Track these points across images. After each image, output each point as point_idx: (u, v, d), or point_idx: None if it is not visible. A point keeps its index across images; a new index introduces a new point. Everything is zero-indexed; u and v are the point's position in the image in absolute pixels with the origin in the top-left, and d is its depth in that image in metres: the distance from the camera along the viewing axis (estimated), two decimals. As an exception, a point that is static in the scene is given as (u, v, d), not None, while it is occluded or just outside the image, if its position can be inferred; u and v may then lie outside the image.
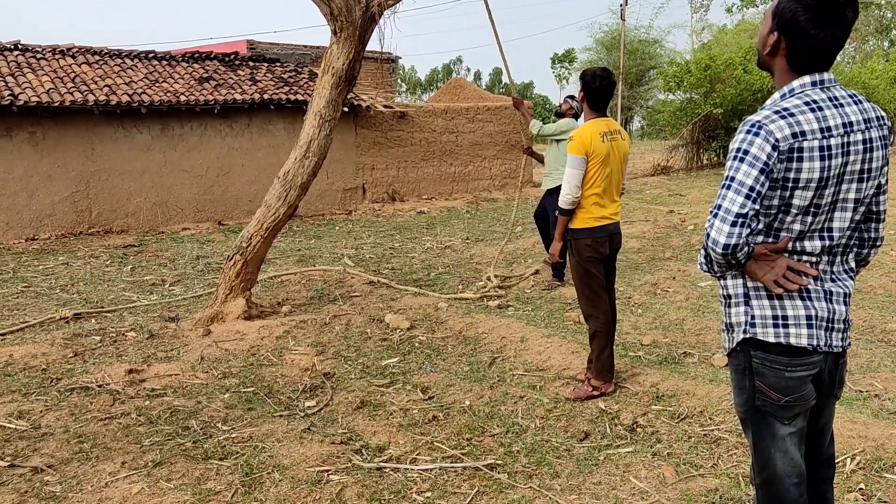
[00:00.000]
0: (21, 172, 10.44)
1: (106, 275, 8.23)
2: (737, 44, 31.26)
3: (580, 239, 4.15)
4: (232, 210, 12.61)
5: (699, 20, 49.48)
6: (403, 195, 15.10)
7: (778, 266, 1.98)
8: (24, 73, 10.91)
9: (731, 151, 1.95)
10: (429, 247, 9.95)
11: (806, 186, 1.90)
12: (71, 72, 11.49)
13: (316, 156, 6.40)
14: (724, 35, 39.83)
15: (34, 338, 5.65)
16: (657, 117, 27.66)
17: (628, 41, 39.18)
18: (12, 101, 9.88)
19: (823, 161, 1.88)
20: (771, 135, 1.87)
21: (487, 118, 16.42)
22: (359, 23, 6.22)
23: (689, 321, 5.78)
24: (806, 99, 1.92)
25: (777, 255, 1.98)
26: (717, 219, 1.92)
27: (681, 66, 22.30)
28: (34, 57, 11.75)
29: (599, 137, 4.02)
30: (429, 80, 74.21)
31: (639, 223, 10.87)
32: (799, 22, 1.89)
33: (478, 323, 5.90)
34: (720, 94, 19.64)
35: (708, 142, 21.25)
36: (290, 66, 15.04)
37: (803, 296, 2.00)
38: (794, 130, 1.87)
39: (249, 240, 6.29)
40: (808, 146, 1.87)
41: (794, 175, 1.89)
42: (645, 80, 45.62)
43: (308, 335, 5.75)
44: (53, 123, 10.62)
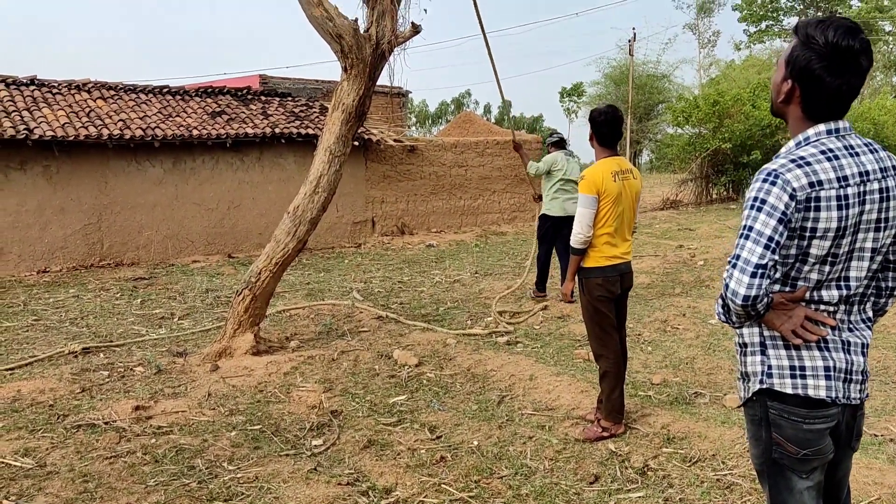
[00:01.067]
0: (34, 205, 10.55)
1: (115, 308, 8.25)
2: (745, 79, 31.44)
3: (591, 278, 4.13)
4: (242, 243, 12.66)
5: (707, 55, 49.85)
6: (413, 228, 15.14)
7: (796, 315, 1.94)
8: (39, 108, 11.08)
9: (747, 200, 1.94)
10: (437, 281, 9.94)
11: (823, 236, 1.88)
12: (86, 106, 11.66)
13: (326, 191, 6.44)
14: (732, 70, 40.10)
15: (42, 372, 5.65)
16: (666, 151, 27.75)
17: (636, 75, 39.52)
18: (27, 135, 10.01)
19: (841, 211, 1.87)
20: (788, 184, 1.85)
21: (497, 152, 16.51)
22: (369, 60, 6.30)
23: (700, 360, 5.72)
24: (822, 148, 1.91)
25: (795, 305, 1.95)
26: (736, 269, 1.89)
27: (689, 101, 22.43)
28: (50, 92, 11.94)
29: (611, 177, 4.03)
30: (438, 113, 74.83)
31: (648, 258, 10.84)
32: (814, 70, 1.88)
33: (486, 360, 5.87)
34: (728, 129, 19.71)
35: (717, 176, 21.28)
36: (302, 101, 15.22)
37: (821, 346, 1.96)
38: (811, 180, 1.86)
39: (258, 275, 6.30)
40: (825, 196, 1.86)
41: (811, 225, 1.88)
42: (653, 113, 45.89)
43: (316, 371, 5.73)
44: (68, 157, 10.75)
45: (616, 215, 4.05)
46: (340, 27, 6.08)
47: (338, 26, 6.08)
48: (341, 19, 6.10)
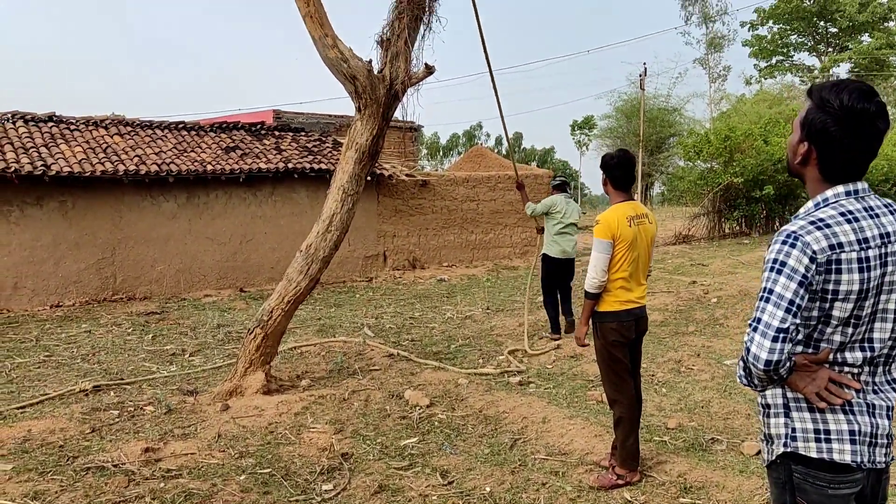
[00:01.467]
0: (49, 240, 10.64)
1: (127, 343, 8.25)
2: (756, 113, 31.52)
3: (605, 322, 4.10)
4: (254, 277, 12.70)
5: (717, 90, 50.06)
6: (424, 262, 15.15)
7: (819, 378, 1.91)
8: (57, 145, 11.23)
9: (766, 262, 1.92)
10: (449, 317, 9.90)
11: (846, 298, 1.86)
12: (103, 142, 11.82)
13: (338, 230, 6.45)
14: (743, 104, 40.23)
15: (53, 411, 5.63)
16: (677, 184, 27.77)
17: (647, 109, 39.72)
18: (45, 171, 10.14)
19: (862, 273, 1.85)
20: (808, 246, 1.84)
21: (508, 186, 16.56)
22: (382, 100, 6.36)
23: (716, 403, 5.63)
24: (841, 209, 1.90)
25: (818, 367, 1.92)
26: (758, 333, 1.86)
27: (700, 136, 22.47)
28: (68, 128, 12.12)
29: (626, 222, 4.01)
30: (449, 146, 75.31)
31: (661, 294, 10.76)
32: (830, 133, 1.88)
33: (498, 401, 5.80)
34: (740, 164, 19.70)
35: (730, 211, 21.21)
36: (315, 136, 15.37)
37: (846, 409, 1.92)
38: (831, 242, 1.85)
39: (270, 313, 6.30)
40: (846, 258, 1.85)
41: (832, 287, 1.86)
42: (665, 147, 46.01)
43: (327, 412, 5.68)
44: (84, 192, 10.87)
45: (631, 260, 4.02)
46: (355, 68, 6.15)
47: (352, 67, 6.15)
48: (356, 60, 6.17)
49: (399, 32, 6.34)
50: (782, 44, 40.93)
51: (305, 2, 6.09)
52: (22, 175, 9.98)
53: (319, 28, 6.13)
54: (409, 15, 6.30)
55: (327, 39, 6.12)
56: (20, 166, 10.07)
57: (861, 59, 37.49)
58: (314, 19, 6.12)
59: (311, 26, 6.15)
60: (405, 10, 6.29)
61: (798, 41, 41.03)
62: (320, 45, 6.17)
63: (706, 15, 49.83)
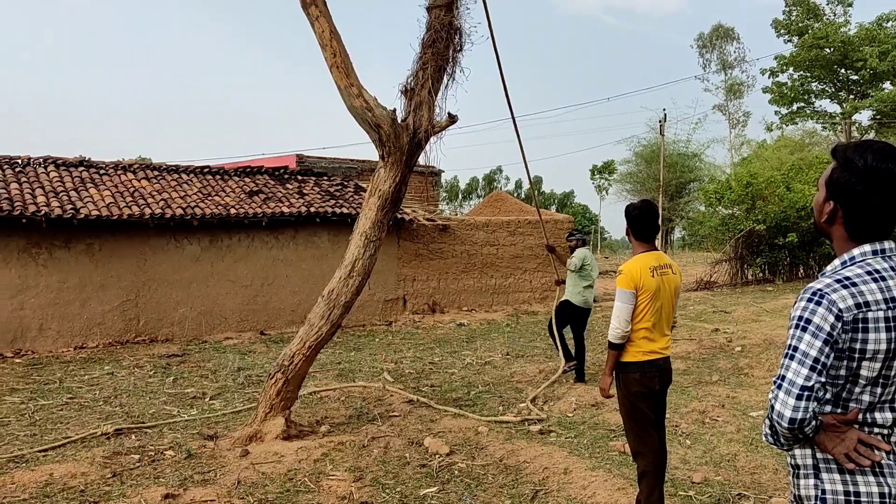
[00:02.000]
0: (76, 282, 10.80)
1: (148, 386, 8.29)
2: (777, 159, 31.48)
3: (628, 373, 4.06)
4: (274, 320, 12.76)
5: (737, 135, 50.14)
6: (444, 307, 15.14)
7: (849, 438, 1.89)
8: (87, 188, 11.49)
9: (792, 318, 1.92)
10: (468, 362, 9.85)
11: (873, 358, 1.86)
12: (131, 186, 12.06)
13: (360, 275, 6.50)
14: (764, 150, 40.20)
15: (75, 455, 5.65)
16: (698, 228, 27.66)
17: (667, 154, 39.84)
18: (73, 214, 10.35)
19: (890, 332, 1.84)
20: (834, 305, 1.85)
21: (528, 231, 16.60)
22: (406, 149, 6.46)
23: (742, 457, 5.52)
24: (868, 268, 1.91)
25: (847, 427, 1.90)
26: (782, 391, 1.87)
27: (721, 182, 22.46)
28: (98, 172, 12.40)
29: (649, 272, 4.00)
30: (468, 189, 75.84)
31: (683, 341, 10.65)
32: (855, 192, 1.90)
33: (519, 450, 5.74)
34: (762, 211, 19.61)
35: (752, 257, 21.05)
36: (337, 180, 15.57)
37: (876, 471, 1.89)
38: (857, 301, 1.85)
39: (292, 358, 6.31)
40: (872, 317, 1.84)
41: (860, 346, 1.85)
42: (685, 192, 45.99)
43: (346, 459, 5.64)
44: (110, 235, 11.07)
45: (654, 310, 4.00)
46: (379, 117, 6.27)
47: (376, 116, 6.27)
48: (380, 109, 6.29)
49: (423, 82, 6.47)
50: (803, 90, 41.02)
51: (332, 53, 6.25)
52: (51, 218, 10.19)
53: (345, 78, 6.28)
54: (432, 66, 6.44)
55: (353, 89, 6.26)
56: (50, 210, 10.30)
57: (883, 107, 37.44)
58: (340, 69, 6.28)
59: (337, 76, 6.30)
60: (429, 62, 6.43)
61: (819, 88, 41.11)
62: (346, 94, 6.31)
63: (724, 62, 50.27)
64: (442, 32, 6.45)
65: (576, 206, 71.15)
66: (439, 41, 6.47)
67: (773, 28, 41.23)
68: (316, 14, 6.22)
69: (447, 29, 6.45)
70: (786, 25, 40.76)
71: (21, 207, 10.16)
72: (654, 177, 41.25)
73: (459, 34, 6.60)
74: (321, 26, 6.23)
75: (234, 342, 11.46)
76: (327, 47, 6.26)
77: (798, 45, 39.07)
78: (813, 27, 38.90)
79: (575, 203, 73.80)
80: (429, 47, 6.47)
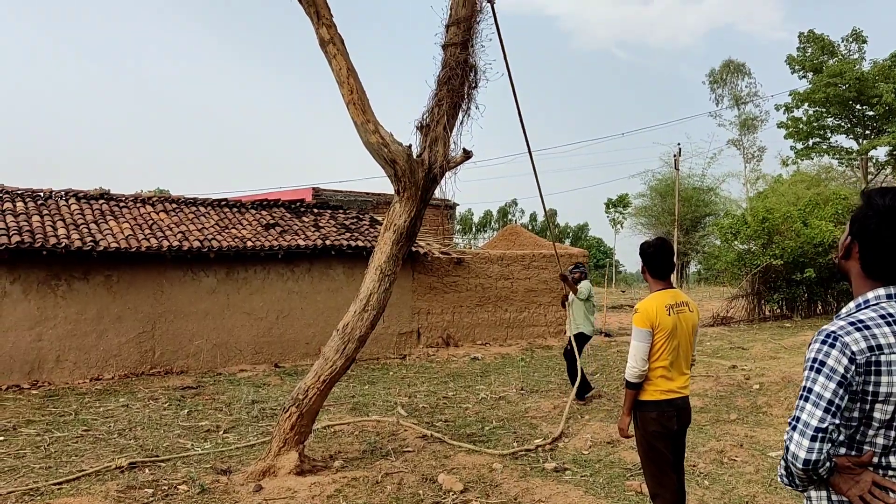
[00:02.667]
0: (93, 314, 10.89)
1: (163, 419, 8.30)
2: (793, 194, 31.34)
3: (646, 412, 4.02)
4: (289, 353, 12.77)
5: (752, 170, 50.07)
6: (458, 340, 15.09)
7: (863, 481, 1.90)
8: (106, 221, 11.64)
9: (806, 360, 1.95)
10: (483, 397, 9.79)
11: (886, 400, 1.89)
12: (149, 219, 12.22)
13: (375, 309, 6.51)
14: (780, 185, 40.06)
15: (89, 488, 5.65)
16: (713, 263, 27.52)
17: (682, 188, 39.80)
18: (93, 247, 10.49)
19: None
20: (847, 347, 1.88)
21: (542, 265, 16.58)
22: (421, 184, 6.51)
23: (761, 498, 5.42)
24: (882, 312, 1.94)
25: (862, 469, 1.92)
26: (797, 432, 1.90)
27: (737, 217, 22.37)
28: (118, 205, 12.58)
29: (665, 310, 3.98)
30: (482, 223, 76.03)
31: (700, 379, 10.52)
32: (870, 227, 1.96)
33: (534, 489, 5.67)
34: (779, 246, 19.48)
35: (769, 293, 20.85)
36: (353, 213, 15.69)
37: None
38: (870, 344, 1.88)
39: (306, 392, 6.31)
40: (885, 360, 1.88)
41: (872, 388, 1.89)
42: (700, 226, 45.83)
43: (359, 495, 5.60)
44: (129, 267, 11.18)
45: (671, 349, 3.98)
46: (395, 153, 6.34)
47: (392, 152, 6.34)
48: (396, 145, 6.37)
49: (438, 119, 6.55)
50: (818, 126, 40.97)
51: (349, 90, 6.35)
52: (71, 250, 10.32)
53: (362, 114, 6.37)
54: (448, 102, 6.52)
55: (369, 125, 6.35)
56: (70, 242, 10.44)
57: (900, 143, 37.30)
58: (357, 106, 6.37)
59: (353, 112, 6.40)
60: (444, 98, 6.52)
61: (834, 124, 41.06)
62: (362, 130, 6.39)
63: (737, 97, 50.44)
64: (457, 70, 6.54)
65: (590, 240, 71.02)
66: (454, 78, 6.56)
67: (788, 64, 41.39)
68: (334, 52, 6.34)
69: (462, 66, 6.54)
70: (800, 61, 40.91)
71: (42, 240, 10.30)
72: (669, 211, 41.18)
73: (475, 71, 6.68)
74: (339, 64, 6.34)
75: (248, 374, 11.47)
76: (344, 84, 6.37)
77: (813, 83, 39.14)
78: (827, 64, 39.00)
79: (589, 236, 73.69)
80: (444, 84, 6.56)
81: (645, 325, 3.98)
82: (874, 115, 38.59)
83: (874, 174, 41.83)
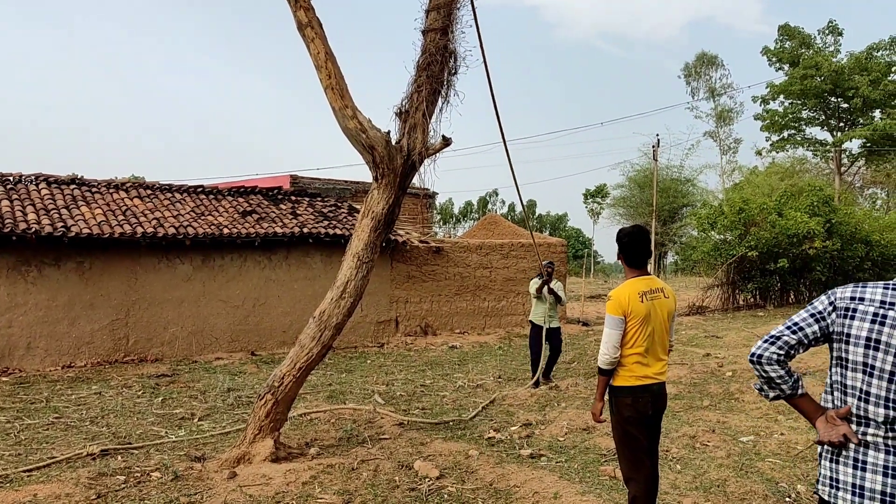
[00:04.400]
0: (65, 300, 10.73)
1: (136, 406, 8.21)
2: (768, 185, 31.69)
3: (621, 398, 4.04)
4: (265, 340, 12.69)
5: (729, 161, 50.55)
6: (436, 329, 15.10)
7: (837, 432, 2.29)
8: (78, 206, 11.46)
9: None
10: (460, 385, 9.81)
11: (856, 343, 2.24)
12: (123, 205, 12.04)
13: (352, 297, 6.48)
14: (756, 176, 40.48)
15: (60, 475, 5.57)
16: (690, 254, 27.78)
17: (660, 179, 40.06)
18: (64, 232, 10.32)
19: (873, 324, 2.22)
20: (834, 294, 2.36)
21: (521, 255, 16.62)
22: (399, 171, 6.47)
23: (732, 483, 5.49)
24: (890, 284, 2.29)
25: (841, 422, 2.29)
26: (761, 339, 2.41)
27: (714, 208, 22.57)
28: (90, 191, 12.39)
29: (638, 297, 3.99)
30: (462, 212, 76.05)
31: (675, 367, 10.62)
32: None
33: (509, 474, 5.69)
34: (755, 237, 19.70)
35: (744, 283, 21.10)
36: (331, 201, 15.59)
37: (857, 465, 2.26)
38: (854, 295, 2.29)
39: (282, 379, 6.27)
40: (861, 309, 2.25)
41: (846, 330, 2.28)
42: (678, 216, 46.21)
43: (335, 481, 5.58)
44: (101, 253, 11.02)
45: (645, 335, 3.98)
46: (373, 139, 6.30)
47: (370, 138, 6.29)
48: (374, 131, 6.32)
49: (417, 105, 6.50)
50: (794, 118, 41.39)
51: (327, 75, 6.29)
52: (42, 236, 10.15)
53: (340, 100, 6.31)
54: (427, 89, 6.48)
55: (347, 111, 6.30)
56: (41, 227, 10.26)
57: (873, 135, 37.83)
58: (335, 91, 6.31)
59: (332, 98, 6.33)
60: (423, 84, 6.47)
61: (810, 116, 41.50)
62: (340, 116, 6.33)
63: (712, 90, 50.84)
64: (437, 56, 6.50)
65: (569, 230, 71.36)
66: (434, 64, 6.52)
67: (765, 56, 41.72)
68: (312, 36, 6.27)
69: (442, 52, 6.50)
70: (777, 53, 41.24)
71: (11, 225, 10.12)
72: (647, 201, 41.46)
73: (454, 58, 6.65)
74: (317, 48, 6.27)
75: (224, 363, 11.38)
76: (322, 69, 6.30)
77: (789, 75, 39.52)
78: (804, 56, 39.37)
79: (568, 227, 74.03)
80: (423, 70, 6.51)
81: (617, 312, 3.98)
82: (849, 107, 39.06)
83: (847, 166, 42.43)
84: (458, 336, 14.94)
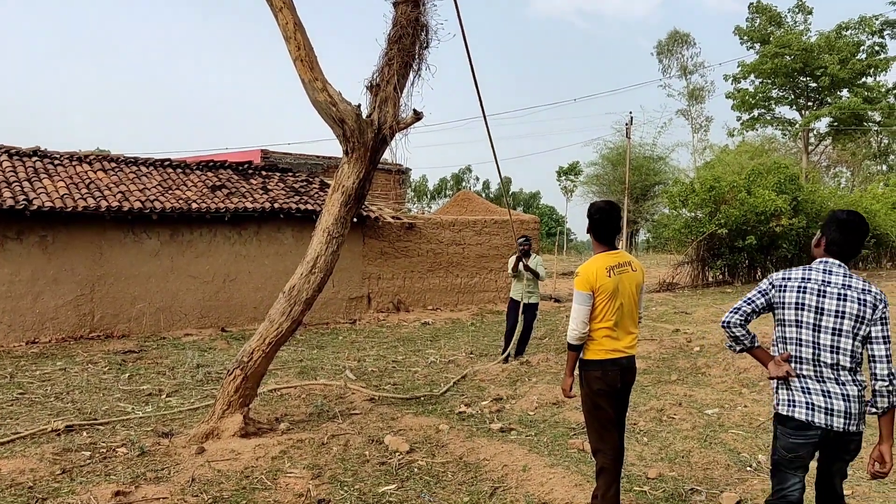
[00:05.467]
0: (28, 275, 10.52)
1: (102, 382, 8.11)
2: (738, 164, 32.02)
3: (590, 371, 4.06)
4: (236, 317, 12.58)
5: (700, 140, 50.99)
6: (409, 305, 15.09)
7: (781, 370, 3.32)
8: (40, 179, 11.19)
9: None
10: (432, 361, 9.84)
11: (788, 307, 3.31)
12: (86, 178, 11.78)
13: (322, 272, 6.43)
14: (726, 155, 40.88)
15: (24, 451, 5.49)
16: (662, 231, 28.07)
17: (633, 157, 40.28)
18: (26, 205, 10.07)
19: (798, 293, 3.28)
20: (771, 277, 3.45)
21: (494, 231, 16.64)
22: (370, 145, 6.41)
23: (696, 453, 5.59)
24: (807, 271, 3.36)
25: (785, 363, 3.32)
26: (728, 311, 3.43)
27: (685, 185, 22.77)
28: (52, 163, 12.09)
29: (605, 272, 4.00)
30: (437, 189, 75.80)
31: (644, 342, 10.75)
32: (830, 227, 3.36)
33: (479, 448, 5.73)
34: (724, 215, 19.94)
35: (713, 260, 21.39)
36: (302, 176, 15.42)
37: (806, 390, 3.27)
38: (785, 276, 3.39)
39: (251, 354, 6.22)
40: (790, 285, 3.33)
41: (781, 299, 3.34)
42: (650, 194, 46.58)
43: (305, 456, 5.58)
44: (64, 227, 10.80)
45: (614, 309, 4.00)
46: (343, 112, 6.21)
47: (341, 111, 6.21)
48: (344, 104, 6.24)
49: (388, 78, 6.43)
50: (764, 97, 41.80)
51: (296, 46, 6.17)
52: (3, 209, 9.91)
53: (309, 72, 6.21)
54: (398, 62, 6.40)
55: (317, 83, 6.19)
56: (2, 200, 10.00)
57: (840, 114, 38.38)
58: (304, 63, 6.20)
59: (301, 70, 6.22)
60: (395, 58, 6.39)
61: (779, 95, 41.94)
62: (310, 88, 6.23)
63: (684, 68, 51.11)
64: (408, 28, 6.42)
65: (542, 208, 71.54)
66: (405, 37, 6.44)
67: (736, 35, 41.97)
68: (279, 5, 6.14)
69: (413, 25, 6.42)
70: (748, 32, 41.51)
71: (-28, 198, 9.86)
72: (619, 179, 41.70)
73: (426, 31, 6.57)
74: (285, 18, 6.15)
75: (193, 339, 11.27)
76: (291, 39, 6.18)
77: (760, 54, 39.83)
78: (775, 34, 39.67)
79: (541, 204, 74.20)
80: (395, 43, 6.43)
81: (585, 287, 3.99)
82: (817, 86, 39.52)
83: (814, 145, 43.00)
84: (430, 312, 14.96)
